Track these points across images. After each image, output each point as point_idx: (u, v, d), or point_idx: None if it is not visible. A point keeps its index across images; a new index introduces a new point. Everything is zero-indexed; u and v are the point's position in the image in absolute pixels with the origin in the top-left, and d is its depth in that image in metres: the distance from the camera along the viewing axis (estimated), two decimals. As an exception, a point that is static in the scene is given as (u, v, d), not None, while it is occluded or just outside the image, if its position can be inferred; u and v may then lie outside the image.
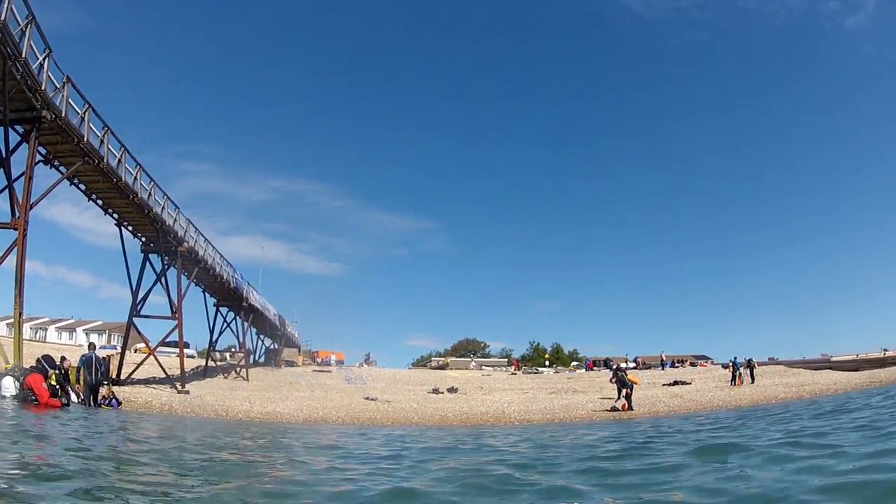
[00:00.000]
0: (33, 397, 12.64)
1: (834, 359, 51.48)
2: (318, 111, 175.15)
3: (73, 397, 15.02)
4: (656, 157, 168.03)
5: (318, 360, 61.89)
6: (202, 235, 33.44)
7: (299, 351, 62.72)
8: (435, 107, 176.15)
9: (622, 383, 24.71)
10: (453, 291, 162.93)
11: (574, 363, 70.49)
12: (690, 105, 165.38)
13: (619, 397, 24.73)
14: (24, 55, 17.03)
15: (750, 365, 36.94)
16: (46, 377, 13.18)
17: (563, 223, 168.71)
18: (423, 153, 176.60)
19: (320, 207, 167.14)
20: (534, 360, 74.81)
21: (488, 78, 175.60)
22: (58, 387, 13.53)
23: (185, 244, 30.30)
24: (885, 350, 54.00)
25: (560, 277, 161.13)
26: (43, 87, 18.47)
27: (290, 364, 55.19)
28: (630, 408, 24.16)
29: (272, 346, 57.80)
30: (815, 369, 44.92)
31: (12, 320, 20.10)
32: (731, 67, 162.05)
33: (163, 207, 28.22)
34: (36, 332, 70.66)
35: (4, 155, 18.27)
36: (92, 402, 17.67)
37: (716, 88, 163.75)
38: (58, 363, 14.95)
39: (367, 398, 29.40)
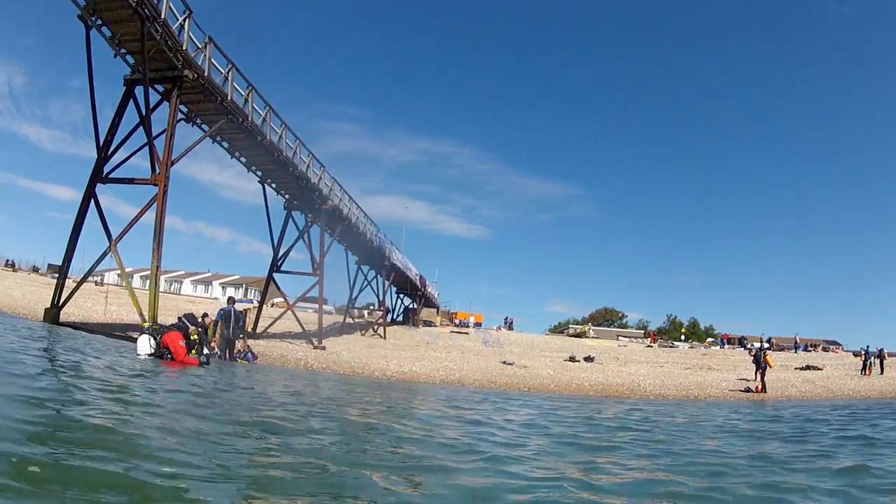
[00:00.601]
0: (170, 355, 12.56)
1: None
2: (466, 74, 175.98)
3: (206, 351, 15.04)
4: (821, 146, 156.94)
5: (457, 321, 61.80)
6: (347, 194, 33.68)
7: (437, 311, 62.82)
8: (586, 73, 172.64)
9: (758, 363, 25.37)
10: (595, 259, 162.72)
11: (709, 339, 69.56)
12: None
13: (755, 378, 25.27)
14: (163, 16, 17.71)
15: (881, 355, 36.07)
16: (186, 335, 13.13)
17: (711, 196, 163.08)
18: (573, 119, 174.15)
19: (465, 170, 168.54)
20: (670, 333, 73.82)
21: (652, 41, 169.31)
22: (196, 342, 13.60)
23: (330, 202, 30.56)
24: None
25: (701, 251, 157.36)
26: (184, 48, 19.07)
27: (429, 324, 55.73)
28: (763, 390, 24.61)
29: (411, 306, 58.24)
30: None
31: (149, 272, 20.78)
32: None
33: (308, 165, 28.51)
34: (171, 285, 74.03)
35: (145, 113, 19.06)
36: (228, 356, 18.17)
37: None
38: (199, 319, 15.33)
39: (504, 362, 30.11)
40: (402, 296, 57.97)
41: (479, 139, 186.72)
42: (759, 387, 24.94)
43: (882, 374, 34.09)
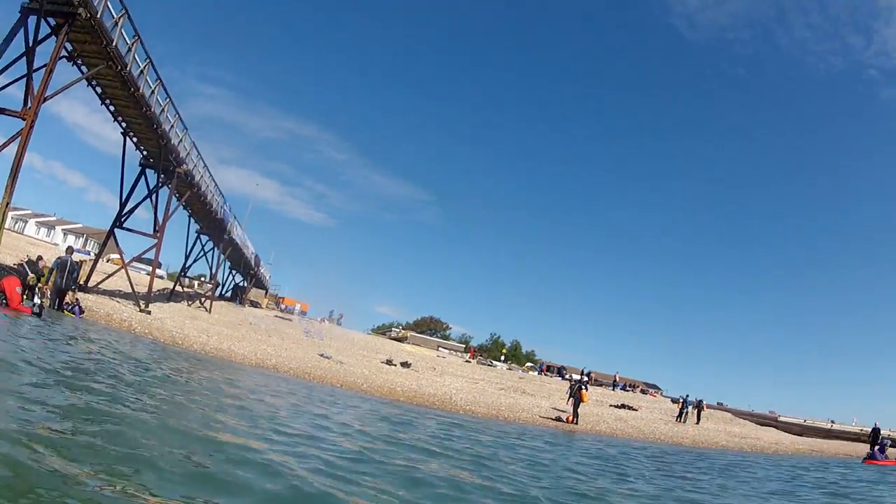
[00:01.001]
0: (4, 300, 12.85)
1: (781, 418, 52.22)
2: (343, 60, 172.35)
3: (37, 299, 14.76)
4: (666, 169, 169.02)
5: (283, 306, 60.97)
6: (203, 161, 32.87)
7: (266, 293, 61.70)
8: (457, 81, 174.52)
9: (572, 395, 25.45)
10: (430, 267, 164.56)
11: (529, 364, 70.66)
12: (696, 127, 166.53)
13: (568, 408, 25.50)
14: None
15: (699, 406, 37.16)
16: (24, 281, 13.48)
17: (554, 227, 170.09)
18: (435, 128, 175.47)
19: (323, 156, 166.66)
20: (491, 352, 74.85)
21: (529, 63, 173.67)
22: (30, 291, 13.80)
23: (185, 166, 29.71)
24: (832, 422, 54.72)
25: (537, 275, 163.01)
26: (82, -16, 18.31)
27: (255, 305, 54.23)
28: (575, 421, 24.72)
29: (242, 284, 57.04)
30: (761, 424, 45.68)
31: (-3, 207, 20.55)
32: (754, 107, 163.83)
33: (172, 125, 27.68)
34: (15, 223, 69.54)
35: (31, 44, 18.26)
36: (56, 305, 17.60)
37: (727, 125, 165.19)
38: (35, 262, 15.29)
39: (322, 355, 29.21)
40: (234, 272, 56.38)
41: (343, 128, 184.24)
42: (571, 418, 25.09)
43: (698, 423, 35.14)
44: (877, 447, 28.52)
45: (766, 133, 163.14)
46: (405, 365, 34.42)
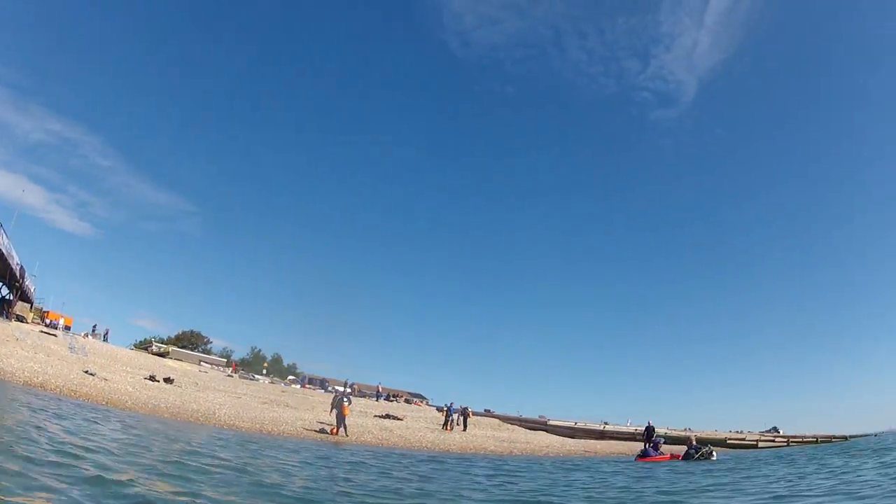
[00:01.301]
0: None
1: (551, 422, 54.06)
2: (111, 60, 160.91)
3: None
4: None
5: (48, 321, 56.89)
6: None
7: (31, 307, 57.12)
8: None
9: (336, 407, 26.13)
10: (191, 279, 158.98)
11: (291, 377, 71.35)
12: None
13: (333, 420, 26.11)
14: None
15: (465, 413, 38.11)
16: None
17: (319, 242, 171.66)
18: (201, 135, 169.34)
19: (88, 161, 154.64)
20: (252, 366, 74.71)
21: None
22: None
23: None
24: (605, 423, 59.31)
25: (298, 286, 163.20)
26: None
27: (21, 319, 49.90)
28: (338, 433, 25.38)
29: (7, 297, 52.51)
30: (531, 429, 47.75)
31: None
32: (527, 128, 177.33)
33: None
34: None
35: None
36: None
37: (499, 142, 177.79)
38: None
39: (87, 372, 28.20)
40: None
41: (109, 132, 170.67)
42: (335, 430, 25.55)
43: (465, 430, 36.05)
44: (650, 445, 30.53)
45: (536, 150, 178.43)
46: (168, 381, 33.92)
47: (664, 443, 32.72)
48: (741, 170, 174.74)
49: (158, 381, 33.19)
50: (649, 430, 35.55)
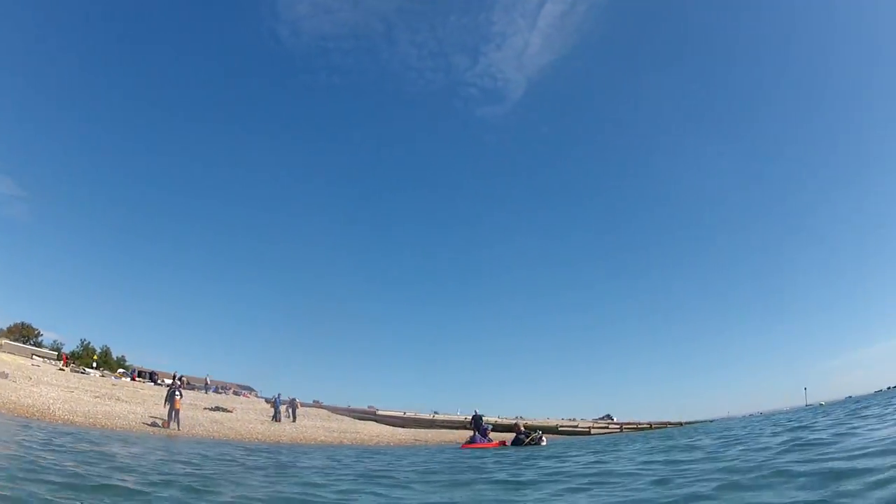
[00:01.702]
0: None
1: (380, 412, 54.89)
2: None
3: None
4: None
5: None
6: None
7: None
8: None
9: (169, 400, 26.74)
10: (18, 268, 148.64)
11: (121, 370, 70.06)
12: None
13: (169, 416, 26.42)
14: None
15: (293, 404, 39.08)
16: None
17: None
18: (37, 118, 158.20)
19: None
20: (83, 359, 72.80)
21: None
22: None
23: None
24: (435, 413, 60.71)
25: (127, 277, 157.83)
26: None
27: None
28: (169, 426, 25.85)
29: None
30: (360, 419, 48.45)
31: None
32: (351, 119, 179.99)
33: None
34: None
35: None
36: None
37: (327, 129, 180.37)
38: None
39: None
40: None
41: None
42: (166, 423, 25.88)
43: (294, 421, 36.90)
44: (477, 433, 30.63)
45: (361, 140, 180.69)
46: (2, 375, 33.41)
47: (492, 430, 33.45)
48: (565, 167, 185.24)
49: (-9, 376, 32.33)
50: (477, 419, 35.31)
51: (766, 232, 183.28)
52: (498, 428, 38.23)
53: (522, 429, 30.73)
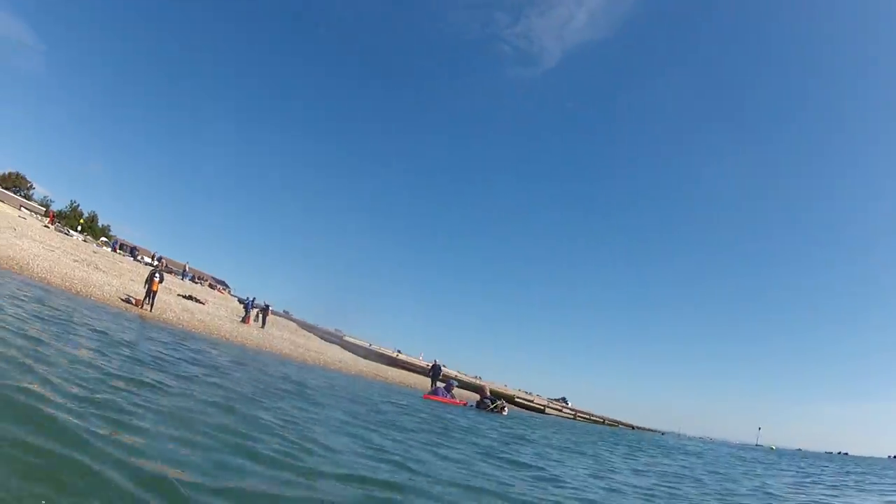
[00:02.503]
0: None
1: (347, 338, 53.90)
2: None
3: None
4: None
5: None
6: None
7: None
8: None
9: (148, 281, 26.66)
10: (24, 117, 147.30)
11: (103, 239, 70.57)
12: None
13: (145, 297, 26.42)
14: None
15: (264, 309, 39.04)
16: None
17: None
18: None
19: None
20: (69, 220, 72.66)
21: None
22: None
23: None
24: (399, 351, 60.46)
25: (123, 146, 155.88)
26: None
27: None
28: (142, 305, 25.88)
29: None
30: (327, 340, 48.24)
31: None
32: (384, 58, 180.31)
33: None
34: None
35: None
36: None
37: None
38: None
39: None
40: None
41: None
42: (140, 302, 25.88)
43: (263, 327, 36.89)
44: (443, 384, 29.83)
45: (389, 80, 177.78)
46: None
47: (457, 386, 32.67)
48: (581, 146, 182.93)
49: (-25, 220, 31.90)
50: (436, 369, 35.21)
51: (770, 248, 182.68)
52: (460, 385, 37.81)
53: (488, 393, 30.82)
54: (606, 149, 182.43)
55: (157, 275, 27.22)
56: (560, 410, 57.92)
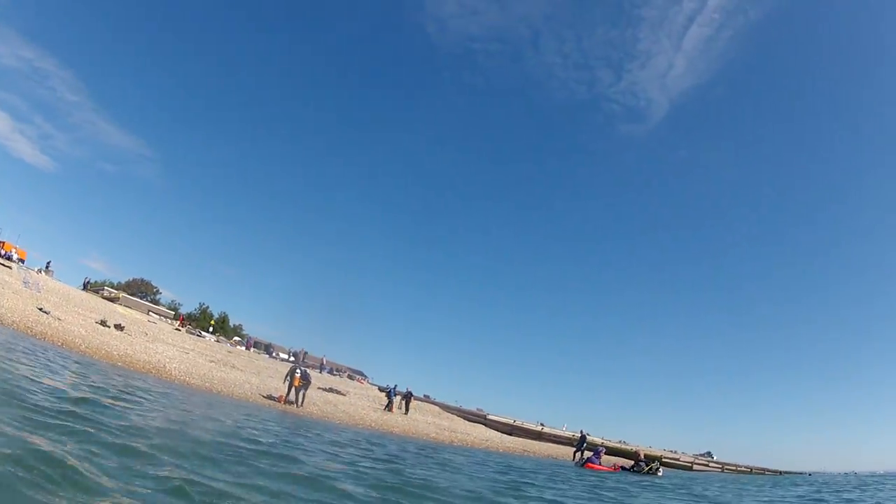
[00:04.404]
0: None
1: (490, 416, 53.13)
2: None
3: None
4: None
5: (2, 251, 54.27)
6: None
7: None
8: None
9: (290, 376, 26.11)
10: (145, 226, 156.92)
11: (236, 338, 70.52)
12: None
13: (288, 392, 25.94)
14: None
15: (408, 396, 38.29)
16: None
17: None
18: (169, 83, 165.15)
19: (57, 94, 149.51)
20: (199, 321, 73.41)
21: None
22: None
23: None
24: (542, 425, 57.95)
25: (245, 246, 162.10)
26: None
27: None
28: (289, 401, 25.52)
29: None
30: (470, 420, 47.32)
31: None
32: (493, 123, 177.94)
33: None
34: None
35: None
36: None
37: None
38: None
39: (41, 309, 27.84)
40: None
41: (81, 66, 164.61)
42: (283, 397, 25.63)
43: (406, 413, 36.19)
44: (591, 453, 29.76)
45: (498, 144, 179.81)
46: (119, 327, 33.21)
47: (605, 453, 32.16)
48: (700, 192, 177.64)
49: (109, 327, 32.53)
50: (583, 438, 35.26)
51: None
52: (608, 452, 36.07)
53: (642, 456, 30.64)
54: (729, 192, 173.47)
55: (298, 370, 26.63)
56: (706, 465, 55.80)
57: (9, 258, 52.22)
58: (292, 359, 47.70)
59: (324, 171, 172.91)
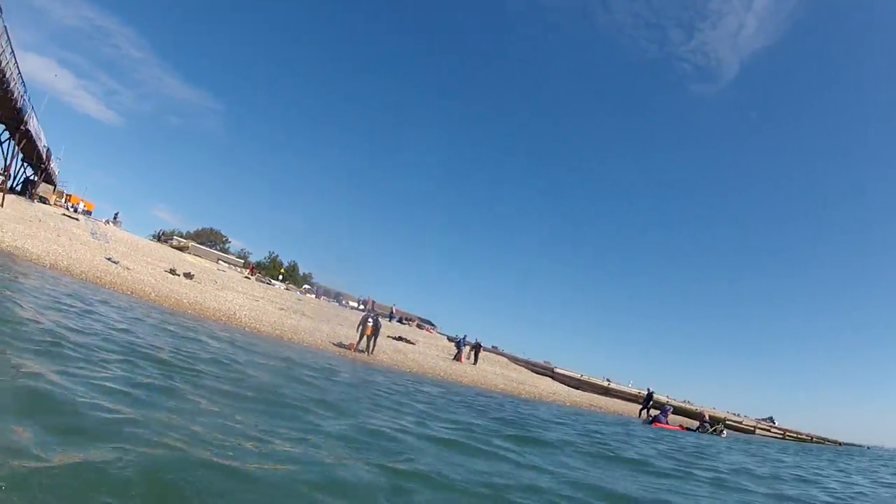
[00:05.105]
0: None
1: (557, 370, 52.95)
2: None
3: None
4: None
5: (69, 204, 55.52)
6: (10, 45, 29.68)
7: (54, 189, 56.28)
8: None
9: (363, 324, 25.56)
10: (212, 177, 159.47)
11: (306, 286, 70.42)
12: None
13: (359, 340, 25.49)
14: None
15: (476, 346, 38.12)
16: None
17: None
18: (234, 36, 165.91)
19: (121, 51, 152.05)
20: (269, 270, 74.06)
21: None
22: None
23: None
24: (609, 380, 57.23)
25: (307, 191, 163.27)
26: None
27: (44, 200, 49.25)
28: (360, 350, 25.07)
29: (32, 178, 52.24)
30: (537, 373, 47.62)
31: None
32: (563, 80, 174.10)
33: None
34: None
35: None
36: None
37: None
38: None
39: (109, 259, 27.87)
40: (25, 165, 52.19)
41: (143, 24, 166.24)
42: (354, 345, 25.21)
43: (475, 364, 35.83)
44: (658, 411, 29.69)
45: (569, 104, 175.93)
46: (188, 276, 33.41)
47: (672, 412, 32.46)
48: (770, 155, 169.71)
49: (179, 276, 32.73)
50: (650, 396, 36.20)
51: None
52: (674, 411, 35.92)
53: (707, 418, 32.18)
54: (803, 157, 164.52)
55: (370, 319, 25.95)
56: (768, 430, 55.28)
57: (75, 210, 52.83)
58: (361, 307, 47.18)
59: (387, 133, 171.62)
